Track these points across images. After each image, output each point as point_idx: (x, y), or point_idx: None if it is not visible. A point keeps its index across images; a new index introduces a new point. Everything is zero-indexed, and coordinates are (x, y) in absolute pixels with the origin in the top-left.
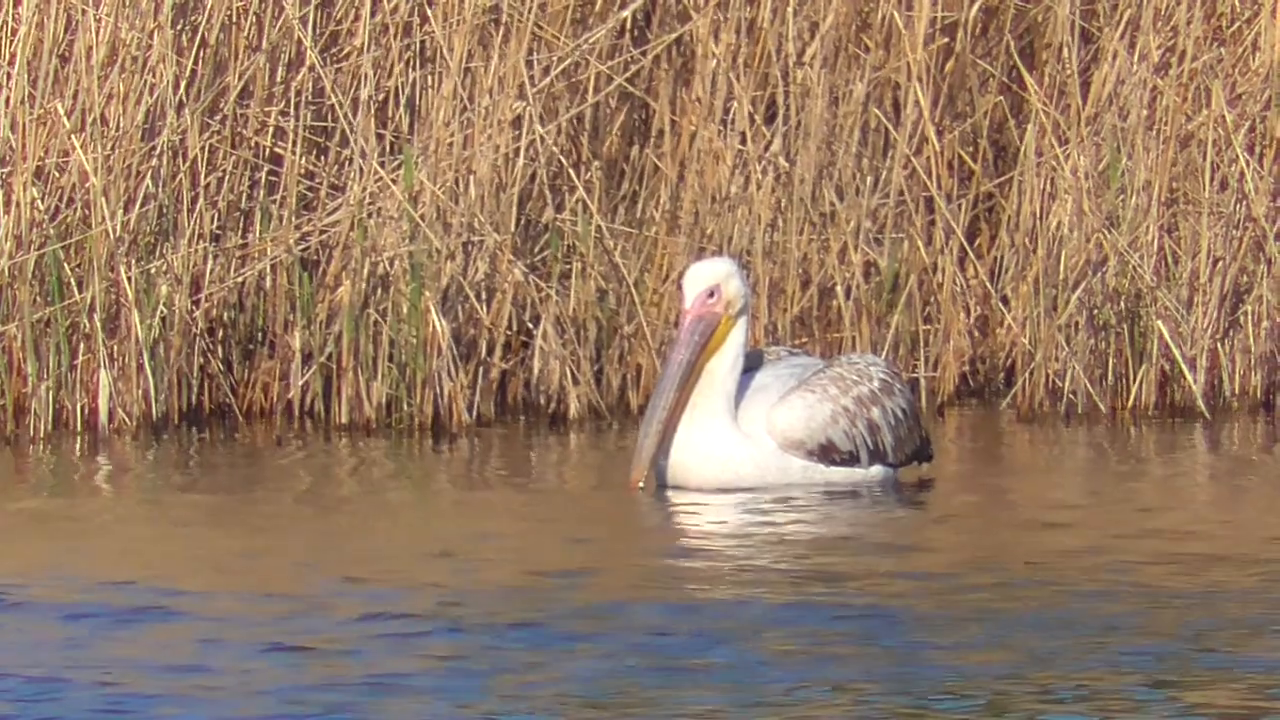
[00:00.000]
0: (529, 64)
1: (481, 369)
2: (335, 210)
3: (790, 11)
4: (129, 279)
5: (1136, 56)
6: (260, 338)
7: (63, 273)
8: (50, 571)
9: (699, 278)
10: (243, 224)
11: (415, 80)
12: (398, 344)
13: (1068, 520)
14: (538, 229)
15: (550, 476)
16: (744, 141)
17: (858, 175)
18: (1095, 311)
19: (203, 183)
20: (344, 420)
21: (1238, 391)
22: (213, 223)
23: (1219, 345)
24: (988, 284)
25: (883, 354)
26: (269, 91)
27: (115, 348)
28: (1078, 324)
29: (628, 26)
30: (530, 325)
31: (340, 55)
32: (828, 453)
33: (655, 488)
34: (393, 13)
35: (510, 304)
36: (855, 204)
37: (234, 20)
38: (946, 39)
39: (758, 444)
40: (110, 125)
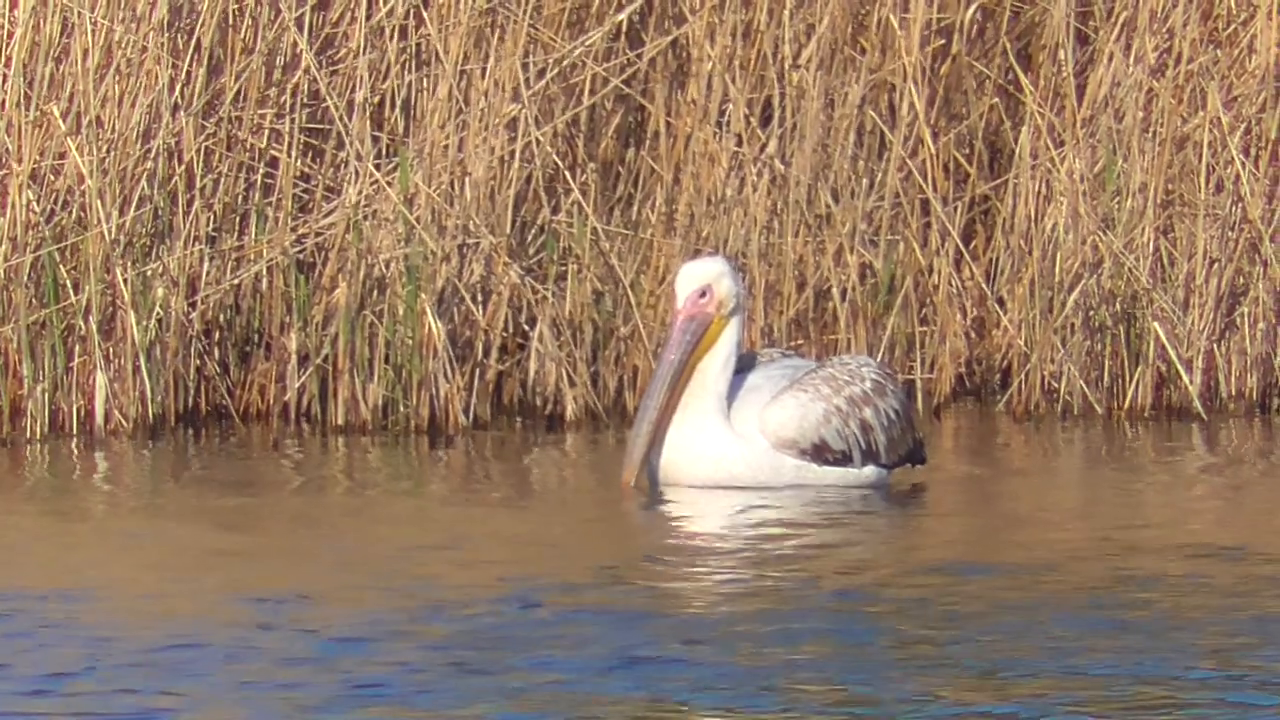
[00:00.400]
0: (524, 66)
1: (478, 371)
2: (331, 212)
3: (786, 14)
4: (125, 281)
5: (1132, 59)
6: (256, 340)
7: (58, 275)
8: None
9: (690, 278)
10: (238, 226)
11: (411, 82)
12: (394, 346)
13: (1063, 521)
14: (533, 231)
15: (546, 478)
16: (739, 144)
17: (853, 177)
18: (1091, 313)
19: (198, 185)
20: (340, 422)
21: (1234, 393)
22: (208, 225)
23: (1215, 347)
24: (983, 286)
25: (878, 356)
26: (264, 94)
27: (111, 350)
28: (1074, 326)
29: (623, 29)
30: (526, 327)
31: (336, 57)
32: (820, 452)
33: (649, 488)
34: (388, 15)
35: (506, 306)
36: (851, 206)
37: (229, 22)
38: (942, 41)
39: (750, 443)
40: (106, 127)
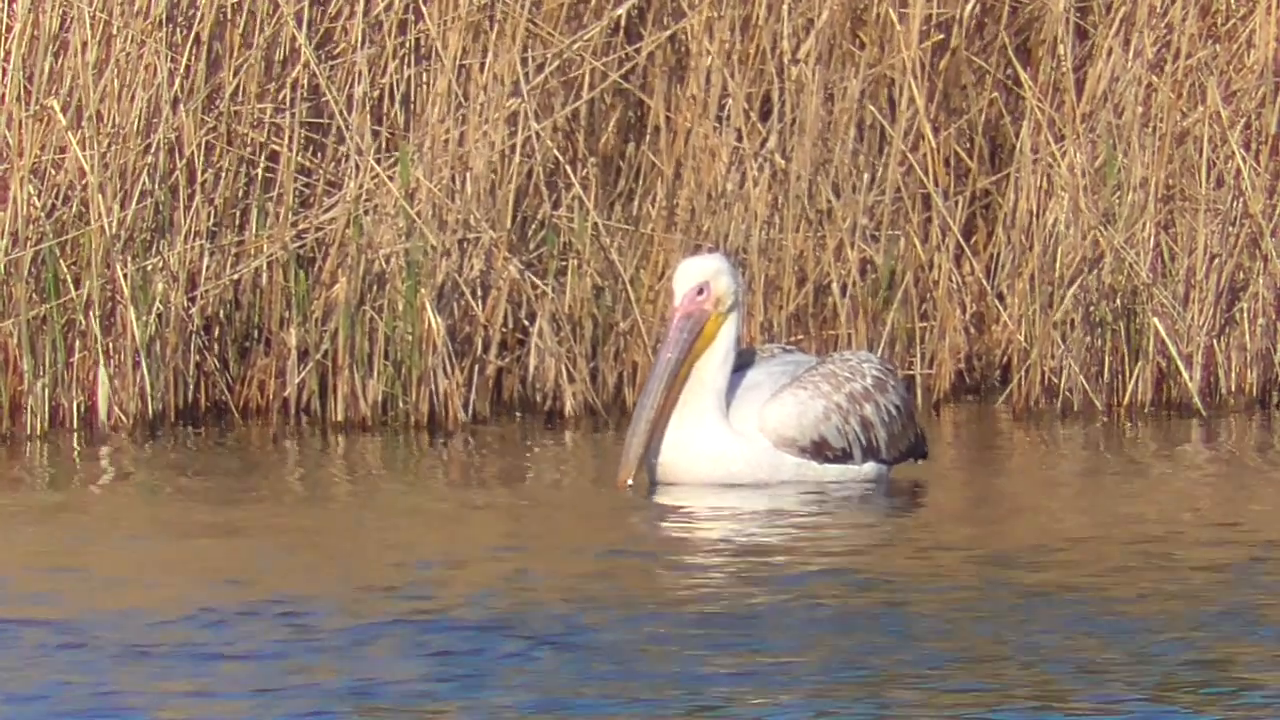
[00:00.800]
0: (524, 61)
1: (477, 366)
2: (331, 207)
3: (785, 8)
4: (125, 276)
5: (1132, 53)
6: (256, 335)
7: (59, 270)
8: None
9: (688, 275)
10: (239, 221)
11: (410, 77)
12: (393, 341)
13: (1063, 518)
14: (533, 226)
15: (545, 474)
16: (739, 138)
17: (854, 172)
18: (1091, 308)
19: (199, 180)
20: (340, 417)
21: (1234, 388)
22: (209, 220)
23: (1215, 342)
24: (984, 281)
25: (878, 351)
26: (264, 88)
27: (111, 345)
28: (1074, 321)
29: (622, 23)
30: (526, 322)
31: (335, 52)
32: (821, 450)
33: (648, 486)
34: (387, 9)
35: (506, 301)
36: (851, 201)
37: (229, 17)
38: (942, 35)
39: (750, 441)
40: (106, 122)
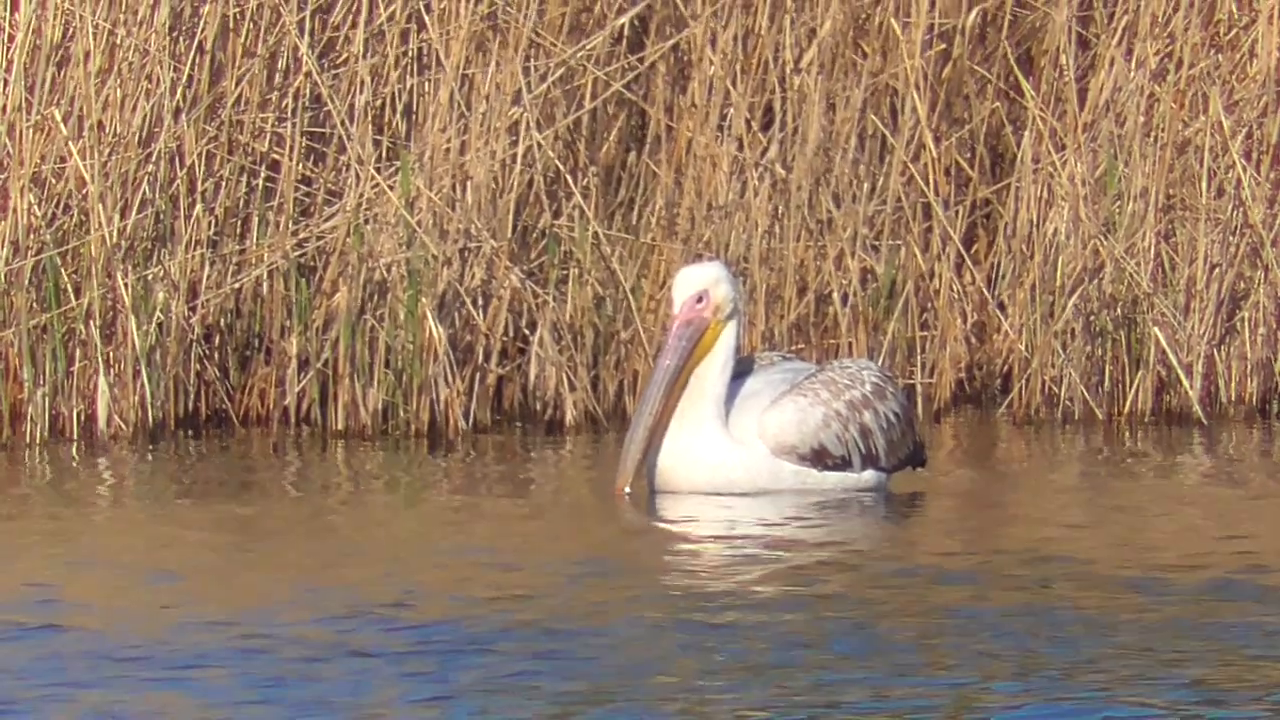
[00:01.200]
0: (526, 70)
1: (478, 375)
2: (332, 216)
3: (787, 18)
4: (126, 285)
5: (1134, 63)
6: (257, 344)
7: (59, 279)
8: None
9: (687, 283)
10: (240, 230)
11: (412, 86)
12: (394, 350)
13: (1062, 527)
14: (534, 235)
15: (546, 483)
16: (741, 148)
17: (855, 182)
18: (1092, 318)
19: (200, 189)
20: (340, 426)
21: (1234, 398)
22: (210, 229)
23: (1215, 351)
24: (984, 290)
25: (879, 360)
26: (266, 98)
27: (112, 354)
28: (1074, 330)
29: (624, 33)
30: (527, 331)
31: (337, 61)
32: (820, 457)
33: (648, 493)
34: (389, 19)
35: (507, 310)
36: (852, 210)
37: (231, 27)
38: (944, 46)
39: (749, 449)
40: (107, 131)
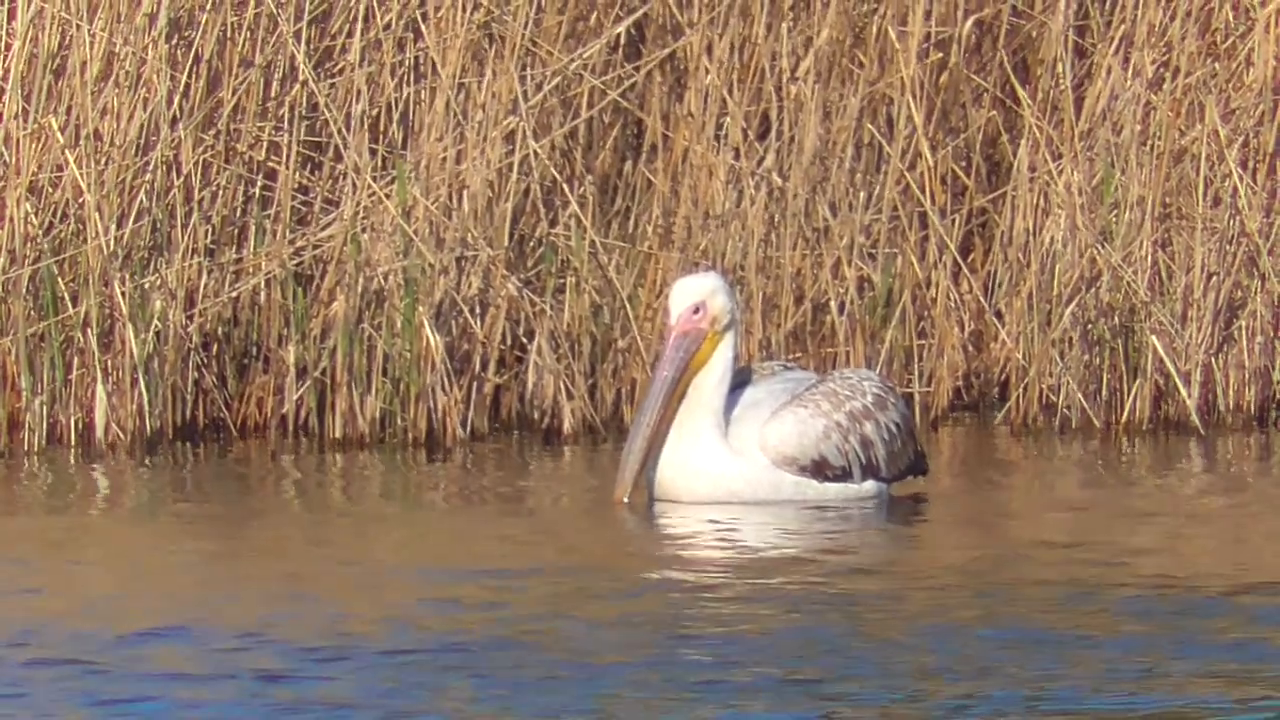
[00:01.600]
0: (522, 79)
1: (475, 384)
2: (329, 225)
3: (784, 27)
4: (123, 294)
5: (1130, 72)
6: (254, 352)
7: (57, 287)
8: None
9: (684, 293)
10: (237, 239)
11: (409, 95)
12: (391, 359)
13: (1059, 536)
14: (531, 244)
15: (544, 492)
16: (737, 156)
17: (851, 190)
18: (1089, 326)
19: (197, 197)
20: (338, 435)
21: (1232, 406)
22: (207, 237)
23: (1213, 360)
24: (981, 299)
25: (877, 369)
26: (263, 107)
27: (109, 362)
28: (1071, 339)
29: (621, 42)
30: (524, 340)
31: (334, 70)
32: (821, 469)
33: (646, 503)
34: (386, 28)
35: (504, 319)
36: (849, 219)
37: (228, 35)
38: (940, 54)
39: (749, 460)
40: (104, 140)
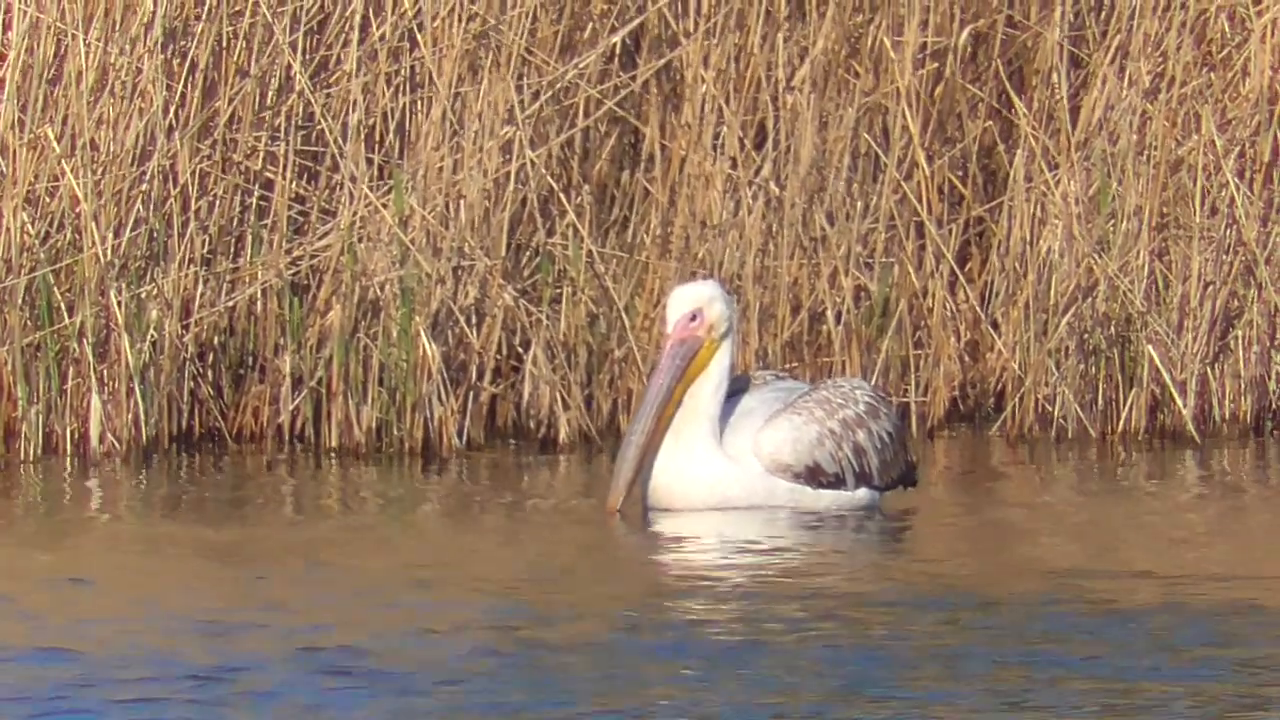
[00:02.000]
0: (519, 89)
1: (472, 393)
2: (325, 234)
3: (780, 37)
4: (119, 303)
5: (1126, 82)
6: (250, 362)
7: (53, 297)
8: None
9: (681, 301)
10: (233, 248)
11: (405, 105)
12: (388, 368)
13: (1054, 547)
14: (528, 253)
15: (540, 502)
16: (734, 166)
17: (848, 200)
18: (1085, 336)
19: (193, 207)
20: (334, 444)
21: (1228, 416)
22: (203, 247)
23: (1209, 370)
24: (978, 309)
25: (873, 379)
26: (259, 116)
27: (105, 372)
28: (1068, 349)
29: (617, 51)
30: (520, 350)
31: (330, 80)
32: (814, 475)
33: (643, 511)
34: (382, 38)
35: (500, 328)
36: (845, 229)
37: (224, 45)
38: (936, 64)
39: (744, 466)
40: (100, 150)
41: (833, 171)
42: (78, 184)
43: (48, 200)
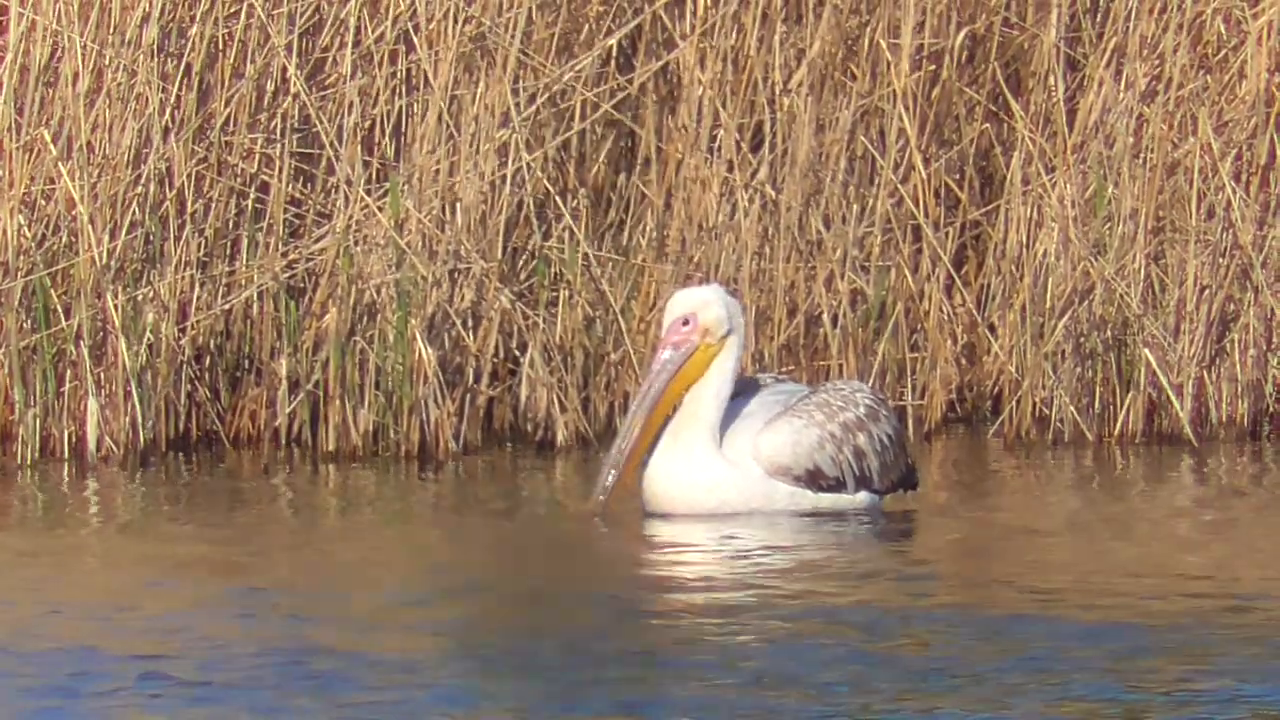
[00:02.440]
0: (515, 91)
1: (468, 396)
2: (322, 238)
3: (776, 39)
4: (116, 306)
5: (1123, 84)
6: (247, 365)
7: (49, 300)
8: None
9: (674, 306)
10: (229, 251)
11: (401, 108)
12: (384, 371)
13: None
14: (524, 256)
15: (536, 505)
16: (730, 169)
17: (844, 203)
18: (1082, 339)
19: (189, 210)
20: (331, 448)
21: (1224, 419)
22: (199, 250)
23: (1206, 373)
24: (974, 312)
25: (869, 382)
26: (255, 119)
27: (102, 375)
28: (1064, 352)
29: (613, 54)
30: (517, 352)
31: (326, 83)
32: (814, 479)
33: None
34: (378, 40)
35: (497, 331)
36: (842, 232)
37: (219, 47)
38: (933, 67)
39: (743, 470)
40: (96, 153)
41: (829, 174)
42: (74, 187)
43: (44, 203)
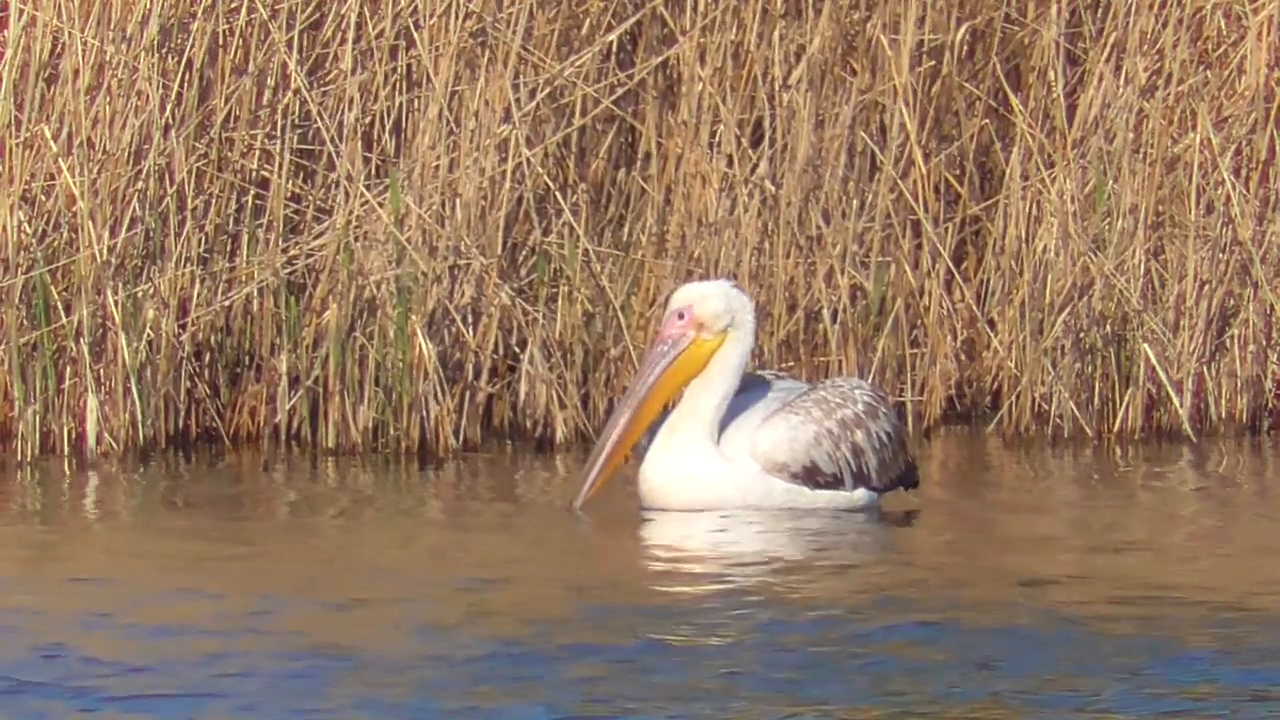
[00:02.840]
0: (515, 87)
1: (468, 393)
2: (322, 234)
3: (776, 35)
4: (116, 302)
5: (1122, 80)
6: (247, 361)
7: (49, 296)
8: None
9: (674, 300)
10: (229, 247)
11: (401, 104)
12: (384, 368)
13: (1052, 546)
14: (524, 252)
15: (536, 501)
16: (730, 164)
17: (844, 198)
18: (1081, 335)
19: (189, 206)
20: (330, 444)
21: (1224, 415)
22: (199, 246)
23: (1205, 369)
24: (974, 307)
25: (869, 378)
26: (255, 115)
27: (102, 371)
28: (1064, 347)
29: (614, 49)
30: (517, 349)
31: (326, 79)
32: (811, 475)
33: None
34: (378, 36)
35: (497, 327)
36: (842, 227)
37: (220, 43)
38: (933, 62)
39: (740, 466)
40: (97, 148)
41: (829, 170)
42: (74, 183)
43: (44, 199)
